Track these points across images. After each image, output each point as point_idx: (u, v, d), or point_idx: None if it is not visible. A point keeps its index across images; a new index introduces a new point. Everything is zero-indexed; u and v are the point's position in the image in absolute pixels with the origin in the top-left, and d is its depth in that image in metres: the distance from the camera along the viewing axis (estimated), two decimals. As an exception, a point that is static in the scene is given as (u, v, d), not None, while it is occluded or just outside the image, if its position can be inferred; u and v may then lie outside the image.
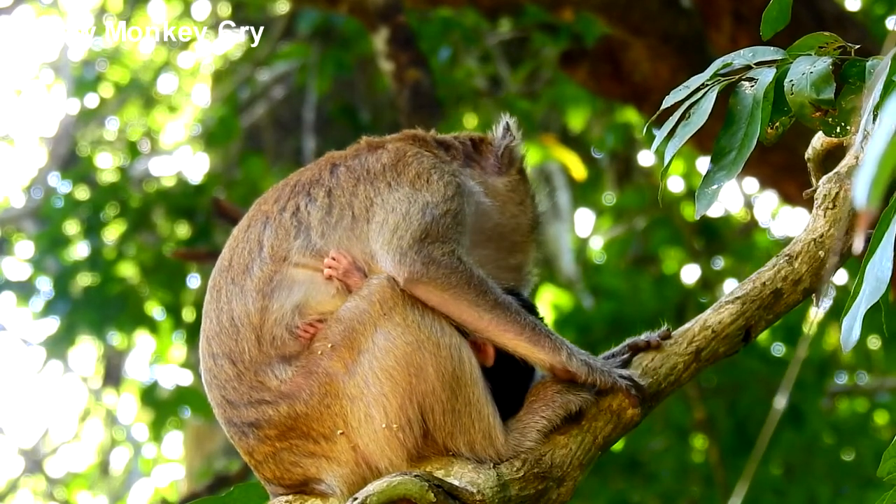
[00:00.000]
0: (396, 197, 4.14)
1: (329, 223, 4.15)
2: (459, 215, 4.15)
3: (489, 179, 4.51)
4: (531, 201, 4.62)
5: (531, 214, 4.61)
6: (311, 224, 4.15)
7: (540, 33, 11.15)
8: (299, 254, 4.12)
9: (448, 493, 3.82)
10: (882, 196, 2.30)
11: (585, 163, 13.38)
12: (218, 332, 4.14)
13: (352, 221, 4.14)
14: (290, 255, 4.12)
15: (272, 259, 4.12)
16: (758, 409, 11.12)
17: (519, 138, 4.59)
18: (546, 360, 4.04)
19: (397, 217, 4.08)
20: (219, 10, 14.71)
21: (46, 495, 18.02)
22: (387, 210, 4.11)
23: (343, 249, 4.11)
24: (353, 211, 4.15)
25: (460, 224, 4.14)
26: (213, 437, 13.66)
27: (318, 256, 4.12)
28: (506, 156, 4.56)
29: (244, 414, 4.07)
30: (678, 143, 3.65)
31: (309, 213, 4.16)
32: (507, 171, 4.55)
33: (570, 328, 11.39)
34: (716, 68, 3.71)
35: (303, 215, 4.17)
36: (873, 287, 3.12)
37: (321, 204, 4.18)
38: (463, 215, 4.17)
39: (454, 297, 4.00)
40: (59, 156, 15.76)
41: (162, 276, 11.15)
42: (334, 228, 4.14)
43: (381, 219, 4.10)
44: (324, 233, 4.14)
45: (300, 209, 4.18)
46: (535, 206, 4.64)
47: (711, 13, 9.68)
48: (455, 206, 4.15)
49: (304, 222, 4.16)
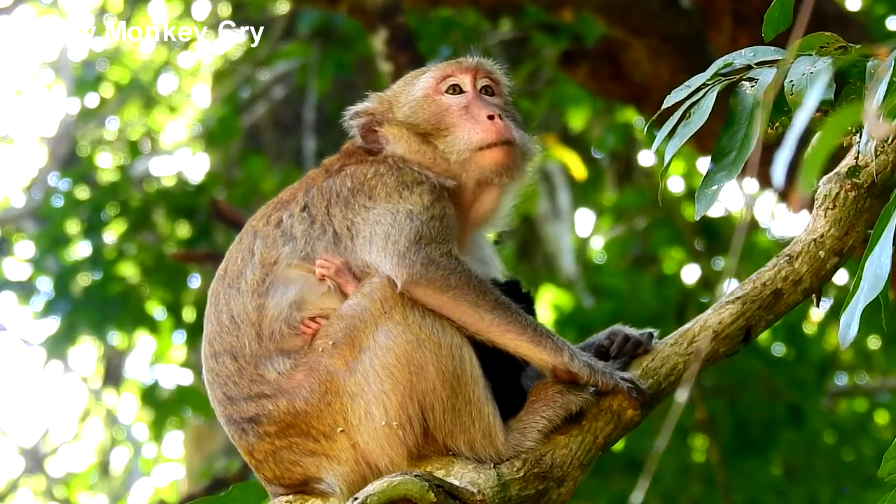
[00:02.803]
0: (377, 212, 4.16)
1: (312, 234, 4.21)
2: (445, 218, 4.17)
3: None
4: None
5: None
6: (296, 235, 4.21)
7: (540, 33, 11.14)
8: (288, 258, 4.18)
9: (448, 493, 3.82)
10: (815, 179, 2.31)
11: (585, 163, 13.39)
12: (219, 331, 4.18)
13: (333, 237, 4.19)
14: (279, 259, 4.19)
15: (262, 264, 4.19)
16: (758, 409, 11.13)
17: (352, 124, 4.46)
18: (548, 361, 4.05)
19: (385, 227, 4.12)
20: (219, 10, 14.70)
21: (47, 495, 18.02)
22: (371, 224, 4.15)
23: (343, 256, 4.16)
24: (333, 228, 4.20)
25: (448, 227, 4.15)
26: (213, 437, 13.66)
27: (307, 260, 4.17)
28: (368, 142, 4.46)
29: (244, 409, 4.09)
30: (678, 143, 3.65)
31: (292, 226, 4.24)
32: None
33: (570, 328, 11.39)
34: (717, 68, 3.71)
35: (286, 226, 4.24)
36: (871, 284, 3.13)
37: (302, 217, 4.24)
38: (448, 218, 4.18)
39: (454, 299, 4.01)
40: (59, 156, 15.77)
41: (162, 276, 11.15)
42: (318, 240, 4.19)
43: (368, 233, 4.14)
44: (308, 242, 4.20)
45: (283, 221, 4.26)
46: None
47: (711, 13, 9.68)
48: (438, 211, 4.17)
49: (289, 233, 4.23)
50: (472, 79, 4.43)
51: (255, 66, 13.91)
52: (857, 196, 3.95)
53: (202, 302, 11.21)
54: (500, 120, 4.32)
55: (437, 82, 4.43)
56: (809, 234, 4.06)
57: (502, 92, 4.49)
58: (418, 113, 4.39)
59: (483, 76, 4.45)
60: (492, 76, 4.48)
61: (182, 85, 16.13)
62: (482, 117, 4.33)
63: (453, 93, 4.41)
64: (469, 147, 4.31)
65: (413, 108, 4.40)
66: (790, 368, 11.45)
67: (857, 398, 12.91)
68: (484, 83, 4.45)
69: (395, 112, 4.42)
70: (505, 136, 4.31)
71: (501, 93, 4.49)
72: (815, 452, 11.40)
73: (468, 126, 4.33)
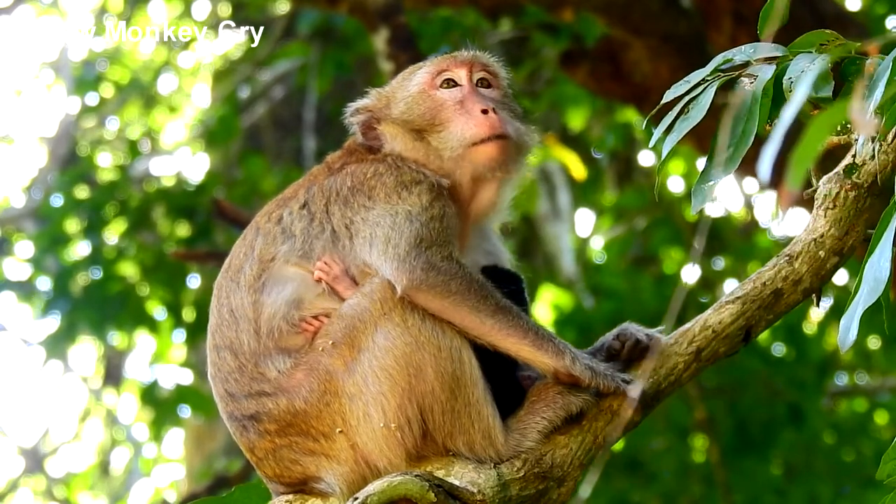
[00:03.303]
0: (376, 213, 4.15)
1: (310, 232, 4.20)
2: (445, 217, 4.14)
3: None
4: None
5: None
6: (295, 232, 4.21)
7: (540, 33, 11.13)
8: (286, 256, 4.18)
9: (448, 493, 3.82)
10: (804, 177, 2.31)
11: (585, 163, 13.38)
12: (220, 324, 4.20)
13: (332, 235, 4.18)
14: (277, 256, 4.19)
15: (260, 260, 4.19)
16: (758, 409, 11.13)
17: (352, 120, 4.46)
18: (550, 364, 4.04)
19: (385, 230, 4.10)
20: (219, 10, 14.70)
21: (47, 495, 18.02)
22: (371, 225, 4.13)
23: (335, 257, 4.15)
24: (332, 226, 4.19)
25: (447, 227, 4.13)
26: (214, 436, 13.67)
27: (305, 258, 4.17)
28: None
29: (244, 406, 4.09)
30: (676, 138, 3.64)
31: (292, 223, 4.23)
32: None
33: (570, 328, 11.40)
34: (716, 64, 3.70)
35: (286, 224, 4.24)
36: (871, 287, 3.13)
37: (301, 215, 4.23)
38: (448, 217, 4.16)
39: (455, 304, 4.00)
40: (59, 156, 15.76)
41: (162, 275, 11.15)
42: (317, 238, 4.19)
43: (368, 234, 4.12)
44: (307, 240, 4.19)
45: (283, 219, 4.25)
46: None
47: (711, 13, 9.68)
48: (437, 211, 4.14)
49: (288, 230, 4.22)
50: (468, 72, 4.38)
51: (255, 66, 13.91)
52: (857, 196, 3.94)
53: (202, 301, 11.25)
54: (493, 114, 4.26)
55: (433, 77, 4.39)
56: (809, 233, 4.05)
57: (500, 84, 4.43)
58: (413, 109, 4.36)
59: (479, 69, 4.40)
60: (488, 69, 4.42)
61: (182, 85, 16.13)
62: (476, 111, 4.27)
63: (448, 87, 4.36)
64: (462, 142, 4.26)
65: (409, 105, 4.37)
66: (790, 368, 11.45)
67: (856, 398, 12.91)
68: (480, 76, 4.40)
69: (392, 109, 4.39)
70: (498, 130, 4.25)
71: (499, 85, 4.43)
72: (815, 452, 11.40)
73: (462, 121, 4.28)
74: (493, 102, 4.32)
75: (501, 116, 4.29)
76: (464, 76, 4.38)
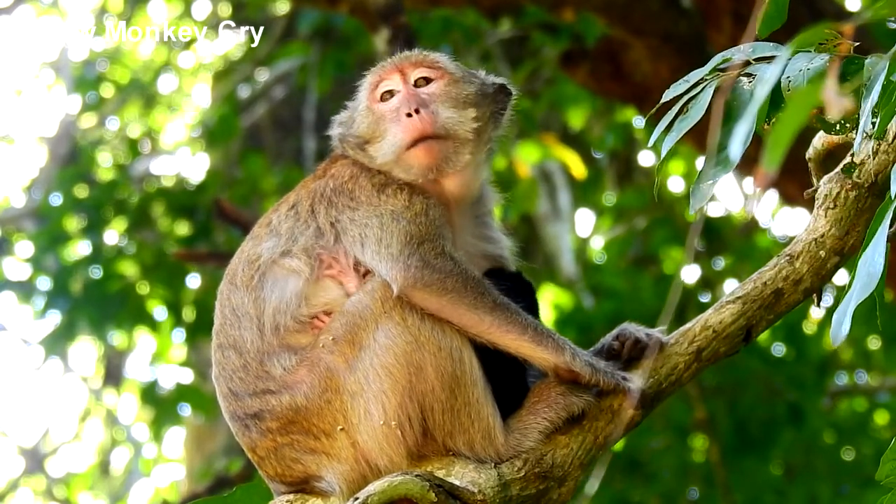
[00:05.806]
0: (362, 213, 4.15)
1: (295, 230, 4.21)
2: (429, 211, 4.13)
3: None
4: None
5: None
6: (281, 231, 4.23)
7: (540, 33, 11.14)
8: (270, 252, 4.19)
9: (449, 493, 3.82)
10: (781, 157, 2.31)
11: (585, 163, 13.38)
12: (223, 324, 4.21)
13: (315, 232, 4.19)
14: (262, 253, 4.20)
15: (249, 260, 4.22)
16: (758, 408, 11.13)
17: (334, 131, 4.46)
18: (550, 361, 4.04)
19: (374, 230, 4.10)
20: (219, 10, 14.71)
21: (47, 495, 18.03)
22: (359, 226, 4.13)
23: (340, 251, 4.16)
24: (317, 223, 4.20)
25: (434, 221, 4.12)
26: (214, 437, 13.67)
27: (287, 255, 4.18)
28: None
29: (248, 404, 4.10)
30: (675, 137, 3.64)
31: (279, 224, 4.25)
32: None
33: (570, 328, 11.40)
34: (715, 63, 3.70)
35: (274, 225, 4.27)
36: (864, 282, 3.13)
37: (288, 215, 4.26)
38: (432, 210, 4.14)
39: (452, 302, 4.00)
40: (60, 156, 15.77)
41: (162, 274, 11.15)
42: (301, 234, 4.20)
43: (358, 234, 4.12)
44: (291, 237, 4.20)
45: (272, 222, 4.28)
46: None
47: (712, 13, 9.69)
48: (420, 207, 4.13)
49: (276, 231, 4.24)
50: (402, 76, 4.29)
51: (255, 66, 13.92)
52: (857, 196, 3.95)
53: (202, 301, 11.26)
54: (416, 115, 4.17)
55: (371, 91, 4.32)
56: (810, 233, 4.06)
57: (444, 75, 4.30)
58: (361, 125, 4.32)
59: (413, 69, 4.30)
60: (424, 63, 4.31)
61: (182, 85, 16.14)
62: (403, 116, 4.19)
63: (388, 98, 4.28)
64: (392, 150, 4.20)
65: (358, 123, 4.33)
66: (790, 368, 11.46)
67: (856, 398, 12.92)
68: (418, 75, 4.29)
69: (353, 126, 4.37)
70: (421, 131, 4.17)
71: (442, 75, 4.30)
72: (815, 452, 11.40)
73: (392, 129, 4.21)
74: (425, 101, 4.22)
75: (428, 114, 4.19)
76: (399, 82, 4.29)
